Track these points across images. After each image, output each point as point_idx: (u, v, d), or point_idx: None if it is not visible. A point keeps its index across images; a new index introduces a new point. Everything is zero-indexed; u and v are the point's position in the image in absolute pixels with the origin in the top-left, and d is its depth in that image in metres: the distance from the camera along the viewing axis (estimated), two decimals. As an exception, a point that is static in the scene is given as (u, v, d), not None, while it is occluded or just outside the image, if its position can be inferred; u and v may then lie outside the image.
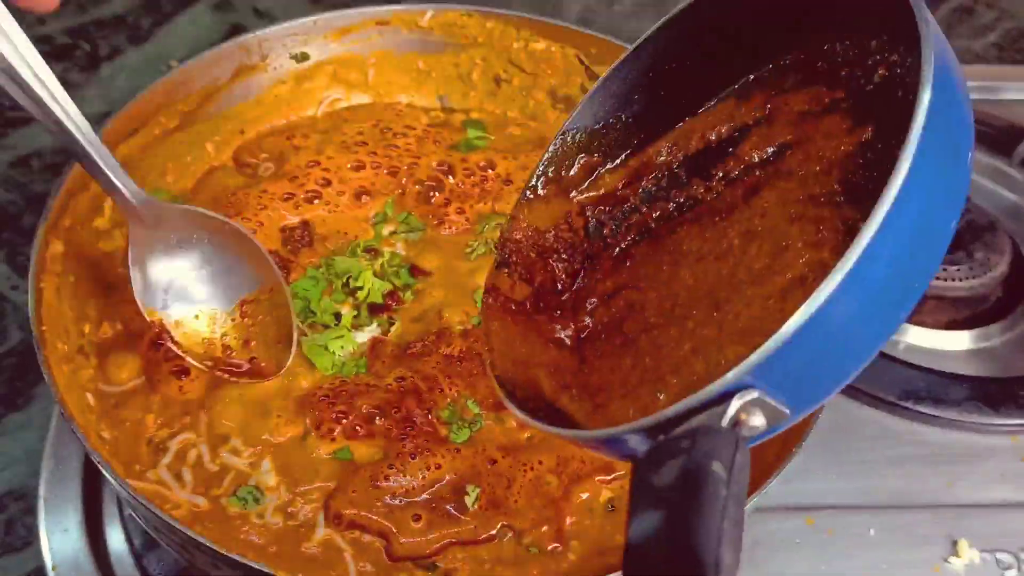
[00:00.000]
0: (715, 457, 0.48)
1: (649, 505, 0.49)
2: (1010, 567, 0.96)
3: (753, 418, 0.51)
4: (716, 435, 0.50)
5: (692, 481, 0.48)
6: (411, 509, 0.82)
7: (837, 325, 0.50)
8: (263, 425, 0.87)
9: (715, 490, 0.47)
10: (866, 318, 0.51)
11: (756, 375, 0.50)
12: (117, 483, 0.74)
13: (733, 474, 0.48)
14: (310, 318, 0.93)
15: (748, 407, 0.51)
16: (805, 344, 0.50)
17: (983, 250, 1.16)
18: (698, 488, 0.47)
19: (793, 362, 0.51)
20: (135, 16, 1.55)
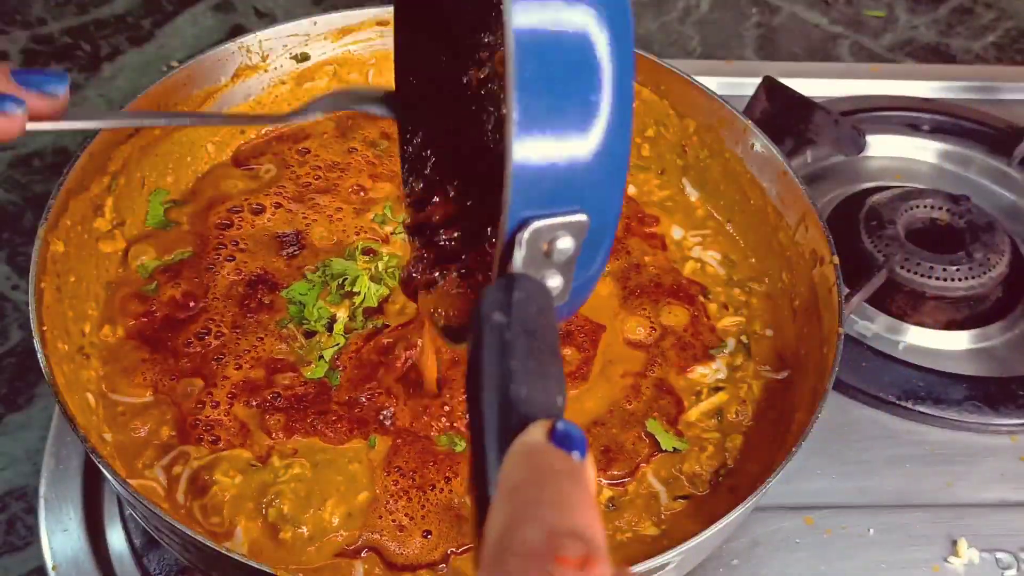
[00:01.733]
0: (494, 308, 0.50)
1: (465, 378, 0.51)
2: (1010, 567, 0.96)
3: (559, 242, 0.54)
4: (493, 288, 0.52)
5: (474, 343, 0.50)
6: (423, 524, 0.82)
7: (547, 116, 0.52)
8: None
9: (492, 339, 0.49)
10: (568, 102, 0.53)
11: (519, 209, 0.53)
12: (117, 483, 0.74)
13: (513, 313, 0.50)
14: (304, 324, 0.93)
15: (541, 236, 0.54)
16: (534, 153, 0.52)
17: (983, 250, 1.16)
18: (477, 347, 0.49)
19: (538, 174, 0.53)
20: (135, 16, 1.55)
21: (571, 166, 0.54)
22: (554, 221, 0.54)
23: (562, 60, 0.53)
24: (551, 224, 0.54)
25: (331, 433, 0.86)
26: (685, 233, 1.09)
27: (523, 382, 0.48)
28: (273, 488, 0.83)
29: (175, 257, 0.99)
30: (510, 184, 0.53)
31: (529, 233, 0.54)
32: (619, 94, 0.54)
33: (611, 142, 0.55)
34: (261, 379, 0.90)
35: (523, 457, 0.44)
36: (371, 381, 0.90)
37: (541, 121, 0.52)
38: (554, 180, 0.54)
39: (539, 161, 0.53)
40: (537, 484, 0.42)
